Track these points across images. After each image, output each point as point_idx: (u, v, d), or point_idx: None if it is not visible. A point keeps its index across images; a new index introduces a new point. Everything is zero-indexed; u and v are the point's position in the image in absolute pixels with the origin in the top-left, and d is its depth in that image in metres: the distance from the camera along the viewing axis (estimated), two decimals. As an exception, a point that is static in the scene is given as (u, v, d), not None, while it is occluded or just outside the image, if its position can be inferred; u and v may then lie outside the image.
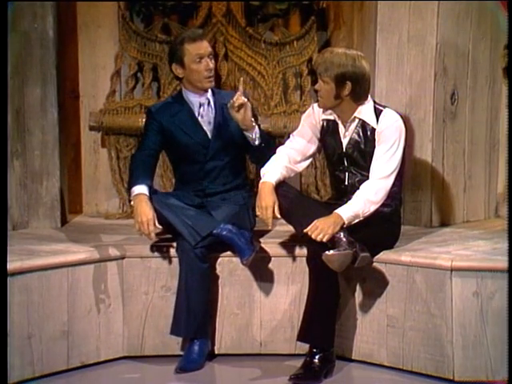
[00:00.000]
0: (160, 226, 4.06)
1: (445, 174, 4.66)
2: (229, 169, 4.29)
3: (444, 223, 4.69)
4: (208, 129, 4.23)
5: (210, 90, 4.24)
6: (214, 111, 4.23)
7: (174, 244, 4.11)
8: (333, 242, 3.77)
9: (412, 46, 4.56)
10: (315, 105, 4.11)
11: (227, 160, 4.27)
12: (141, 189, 4.06)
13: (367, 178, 3.94)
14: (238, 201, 4.27)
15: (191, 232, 3.98)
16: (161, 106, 4.31)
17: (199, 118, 4.23)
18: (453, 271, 3.82)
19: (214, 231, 4.00)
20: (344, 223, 3.81)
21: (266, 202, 3.91)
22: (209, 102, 4.24)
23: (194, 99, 4.24)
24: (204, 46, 4.17)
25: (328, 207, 3.95)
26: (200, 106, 4.23)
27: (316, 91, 4.05)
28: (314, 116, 4.09)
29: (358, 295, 4.07)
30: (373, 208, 3.88)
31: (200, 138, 4.23)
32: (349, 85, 3.88)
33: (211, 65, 4.17)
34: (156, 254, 4.14)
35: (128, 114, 5.04)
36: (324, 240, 3.76)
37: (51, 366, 3.96)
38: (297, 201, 4.00)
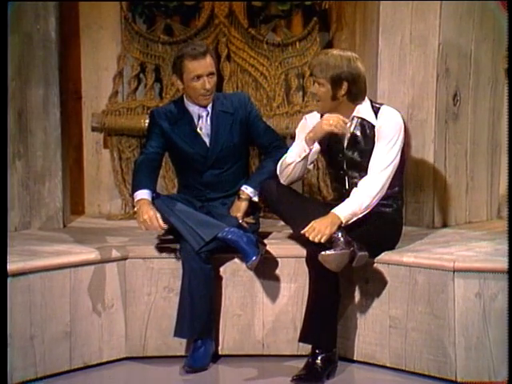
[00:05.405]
0: (165, 226, 4.05)
1: (447, 175, 4.65)
2: (229, 176, 4.27)
3: (446, 224, 4.69)
4: (207, 140, 4.21)
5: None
6: (211, 122, 4.19)
7: (177, 245, 4.10)
8: (330, 242, 3.76)
9: (414, 47, 4.56)
10: (307, 116, 4.11)
11: (227, 168, 4.26)
12: (143, 194, 4.07)
13: (366, 177, 3.94)
14: None
15: (195, 237, 3.96)
16: (163, 111, 4.26)
17: (198, 130, 4.20)
18: (455, 272, 3.81)
19: (219, 235, 3.97)
20: (341, 222, 3.80)
21: None
22: (208, 114, 4.19)
23: (193, 110, 4.20)
24: (203, 66, 4.05)
25: (327, 207, 3.94)
26: (199, 118, 4.20)
27: (313, 94, 4.04)
28: (308, 127, 4.03)
29: (361, 296, 4.07)
30: (369, 201, 3.85)
31: (199, 148, 4.21)
32: (345, 85, 3.87)
33: (208, 85, 4.07)
34: (158, 254, 4.15)
35: (130, 114, 5.05)
36: (321, 241, 3.75)
37: (53, 367, 3.95)
38: (294, 201, 3.99)
